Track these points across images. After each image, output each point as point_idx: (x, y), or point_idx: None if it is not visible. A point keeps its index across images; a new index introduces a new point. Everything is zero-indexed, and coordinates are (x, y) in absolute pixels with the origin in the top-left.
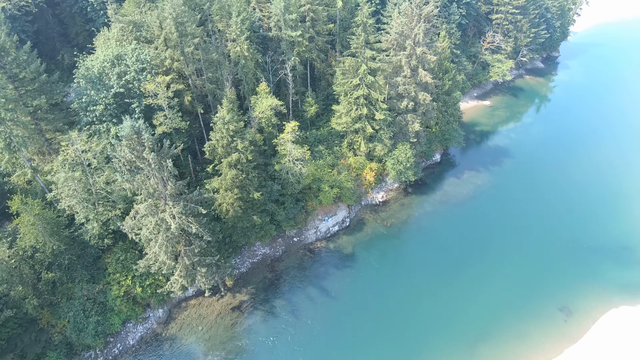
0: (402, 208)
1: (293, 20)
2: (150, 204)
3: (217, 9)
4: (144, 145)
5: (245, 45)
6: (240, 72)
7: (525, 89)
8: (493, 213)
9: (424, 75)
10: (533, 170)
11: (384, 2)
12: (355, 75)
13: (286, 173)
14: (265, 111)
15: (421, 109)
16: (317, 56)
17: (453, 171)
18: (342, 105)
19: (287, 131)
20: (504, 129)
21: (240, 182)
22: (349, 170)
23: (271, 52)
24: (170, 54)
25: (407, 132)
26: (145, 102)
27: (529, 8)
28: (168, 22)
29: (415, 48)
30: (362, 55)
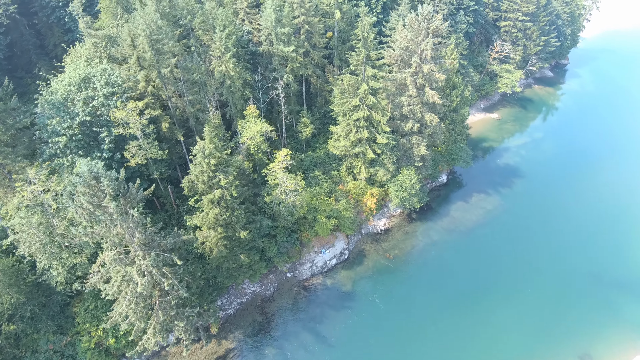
0: (406, 237)
1: (286, 34)
2: (117, 253)
3: (199, 23)
4: (104, 192)
5: (230, 63)
6: (226, 93)
7: (535, 100)
8: (504, 242)
9: (432, 95)
10: (546, 193)
11: (386, 10)
12: (355, 94)
13: (278, 205)
14: (254, 137)
15: (428, 130)
16: (313, 72)
17: (460, 193)
18: (341, 127)
19: (278, 160)
20: (513, 145)
21: (224, 220)
22: (348, 197)
23: (262, 69)
24: (145, 75)
25: (412, 155)
26: (116, 132)
27: (539, 15)
28: (141, 40)
29: (421, 65)
30: (362, 73)
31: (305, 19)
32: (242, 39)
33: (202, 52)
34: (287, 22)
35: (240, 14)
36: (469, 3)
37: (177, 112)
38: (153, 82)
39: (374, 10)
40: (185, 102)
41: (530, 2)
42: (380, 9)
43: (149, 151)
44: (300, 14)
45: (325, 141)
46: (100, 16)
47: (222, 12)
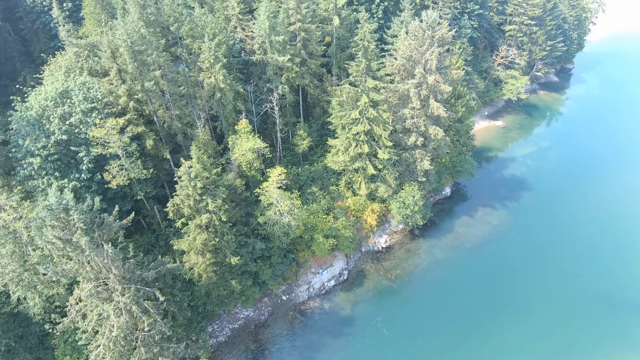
0: (409, 255)
1: (280, 42)
2: (94, 287)
3: (187, 31)
4: (75, 226)
5: (221, 75)
6: (216, 107)
7: (540, 106)
8: (512, 260)
9: (436, 108)
10: (554, 206)
11: (388, 15)
12: (355, 107)
13: (272, 226)
14: (246, 154)
15: (432, 144)
16: (310, 82)
17: (465, 207)
18: (340, 140)
19: (271, 179)
20: (519, 155)
21: (213, 246)
22: (347, 214)
23: (255, 79)
24: (127, 89)
25: (415, 170)
26: (94, 152)
27: (545, 19)
28: (122, 51)
29: (426, 76)
30: (362, 84)
31: (301, 25)
32: (233, 48)
33: (190, 62)
34: (282, 30)
35: (232, 21)
36: (473, 7)
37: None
38: (136, 97)
39: (375, 16)
40: (172, 116)
41: (536, 5)
42: (381, 14)
43: (131, 171)
44: (296, 20)
45: (323, 154)
46: (84, 22)
47: (212, 20)
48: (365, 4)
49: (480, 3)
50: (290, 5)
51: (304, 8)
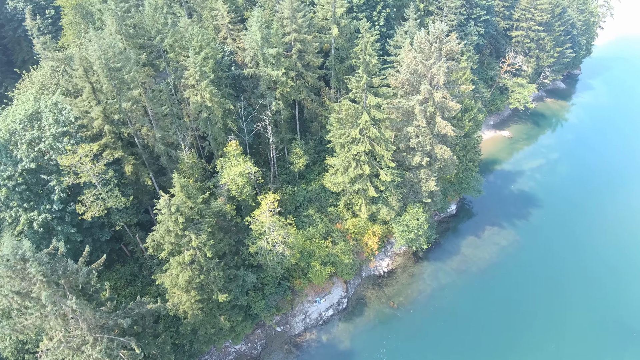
0: (412, 280)
1: (274, 55)
2: (63, 337)
3: (171, 44)
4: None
5: (207, 93)
6: (203, 126)
7: (547, 115)
8: (522, 286)
9: (443, 126)
10: (566, 225)
11: (390, 22)
12: (355, 125)
13: (264, 256)
14: (236, 179)
15: (438, 164)
16: (307, 95)
17: (472, 226)
18: (338, 160)
19: (263, 207)
20: (527, 168)
21: (198, 283)
22: (347, 237)
23: (247, 94)
24: (101, 110)
25: (420, 190)
26: (65, 183)
27: (554, 24)
28: (96, 69)
29: (432, 92)
30: (363, 100)
31: (297, 36)
32: (222, 62)
33: (175, 77)
34: (275, 41)
35: (221, 31)
36: (479, 12)
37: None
38: (113, 118)
39: (376, 23)
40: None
41: (545, 10)
42: (383, 21)
43: (108, 201)
44: (291, 30)
45: (321, 172)
46: (64, 33)
47: (198, 32)
48: (366, 11)
49: (486, 8)
50: (285, 14)
51: (300, 17)
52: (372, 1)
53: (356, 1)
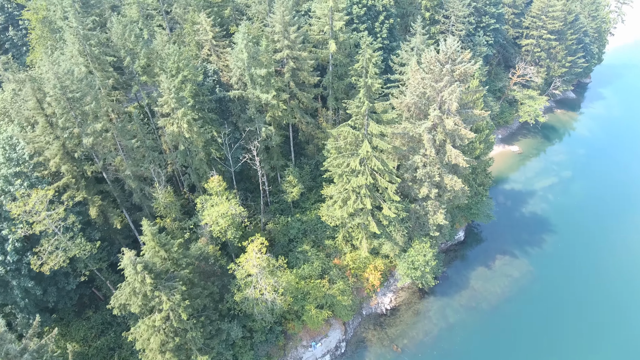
0: (417, 319)
1: (263, 76)
2: None
3: (143, 65)
4: None
5: (185, 122)
6: (181, 159)
7: (558, 128)
8: (537, 323)
9: (455, 156)
10: (582, 253)
11: (393, 34)
12: (355, 154)
13: (251, 306)
14: (218, 221)
15: (447, 195)
16: (301, 117)
17: (481, 255)
18: (337, 190)
19: (249, 253)
20: (539, 188)
21: (173, 346)
22: (346, 273)
23: (234, 117)
24: (59, 147)
25: (427, 223)
26: (19, 233)
27: (566, 32)
28: (50, 101)
29: (443, 118)
30: (364, 127)
31: (290, 53)
32: (204, 84)
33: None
34: (265, 59)
35: (205, 47)
36: (489, 21)
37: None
38: (74, 154)
39: (379, 36)
40: (127, 173)
41: (557, 18)
42: (386, 33)
43: (71, 250)
44: (283, 46)
45: (317, 200)
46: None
47: (175, 51)
48: (367, 22)
49: (496, 16)
50: (277, 28)
51: (293, 32)
52: (374, 11)
53: (356, 11)
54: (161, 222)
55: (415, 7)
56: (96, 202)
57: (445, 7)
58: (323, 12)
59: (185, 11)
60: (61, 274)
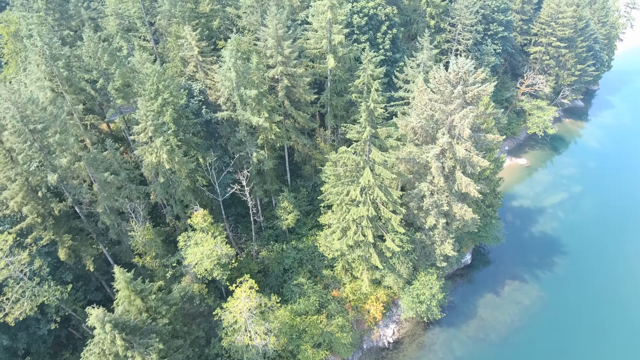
0: (422, 353)
1: (254, 97)
2: None
3: (119, 87)
4: None
5: (164, 152)
6: (161, 192)
7: (566, 139)
8: (549, 356)
9: (465, 185)
10: (596, 276)
11: (397, 45)
12: (356, 182)
13: (240, 353)
14: (203, 262)
15: (456, 223)
16: (297, 137)
17: (489, 280)
18: (335, 217)
19: (237, 298)
20: (548, 204)
21: None
22: (346, 306)
23: (223, 140)
24: (21, 184)
25: (433, 252)
26: None
27: (576, 40)
28: (7, 134)
29: (453, 144)
30: (366, 153)
31: (284, 69)
32: (188, 107)
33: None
34: (256, 77)
35: (190, 64)
36: (497, 29)
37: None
38: (40, 191)
39: (381, 47)
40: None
41: (567, 25)
42: (389, 44)
43: (39, 297)
44: (277, 62)
45: (315, 225)
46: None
47: (153, 71)
48: (368, 33)
49: (504, 24)
50: (269, 43)
51: (287, 47)
52: (376, 20)
53: (357, 22)
54: (140, 260)
55: (420, 15)
56: (66, 242)
57: (452, 14)
58: (320, 24)
59: (169, 23)
60: (32, 318)
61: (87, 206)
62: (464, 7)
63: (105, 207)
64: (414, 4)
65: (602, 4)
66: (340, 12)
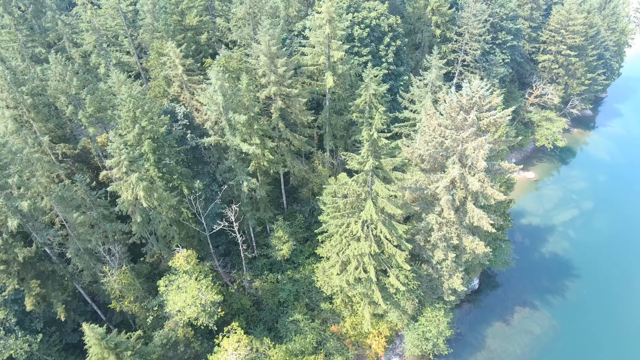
0: None
1: (243, 123)
2: None
3: (90, 114)
4: None
5: (141, 189)
6: (139, 231)
7: (575, 150)
8: None
9: (478, 218)
10: (611, 302)
11: (401, 58)
12: (357, 216)
13: None
14: (185, 310)
15: (466, 256)
16: (293, 161)
17: (498, 307)
18: (334, 250)
19: (224, 353)
20: (558, 222)
21: None
22: (345, 342)
23: (211, 166)
24: None
25: (441, 286)
26: None
27: (587, 48)
28: None
29: (466, 175)
30: (368, 184)
31: (278, 90)
32: (171, 133)
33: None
34: (247, 99)
35: (174, 83)
36: (505, 37)
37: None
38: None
39: (384, 60)
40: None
41: (577, 33)
42: (392, 57)
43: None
44: (269, 82)
45: (312, 254)
46: None
47: (129, 97)
48: (370, 46)
49: (514, 32)
50: (261, 60)
51: (281, 65)
52: (378, 32)
53: (358, 33)
54: (117, 305)
55: (424, 23)
56: (34, 289)
57: (459, 23)
58: (318, 39)
59: (152, 37)
60: None
61: (58, 245)
62: (472, 15)
63: (78, 249)
64: (418, 12)
65: (612, 9)
66: (340, 27)
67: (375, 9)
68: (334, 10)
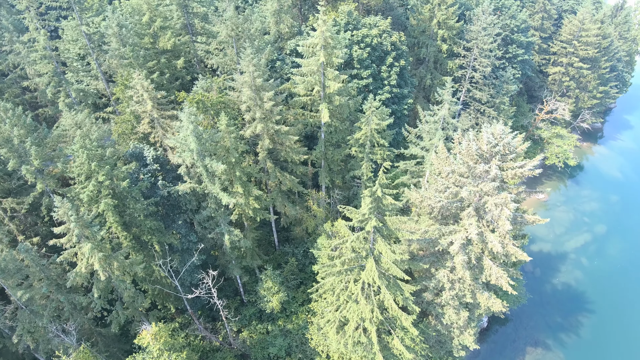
0: None
1: (222, 171)
2: None
3: (37, 166)
4: None
5: (97, 260)
6: (98, 305)
7: (585, 167)
8: None
9: (496, 277)
10: (627, 337)
11: (404, 77)
12: (356, 273)
13: None
14: None
15: (479, 311)
16: (284, 203)
17: (508, 348)
18: (330, 308)
19: None
20: (570, 249)
21: None
22: None
23: (188, 214)
24: None
25: (450, 342)
26: None
27: (599, 60)
28: None
29: (484, 233)
30: (370, 242)
31: (265, 127)
32: (137, 185)
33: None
34: (228, 140)
35: (144, 120)
36: (516, 51)
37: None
38: None
39: (386, 82)
40: (20, 327)
41: (590, 44)
42: (395, 79)
43: None
44: (255, 118)
45: (307, 300)
46: None
47: (81, 146)
48: (371, 67)
49: (525, 46)
50: (245, 95)
51: (268, 99)
52: (380, 52)
53: (357, 54)
54: None
55: (429, 37)
56: None
57: (467, 37)
58: (311, 68)
59: (120, 64)
60: None
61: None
62: (481, 29)
63: (19, 335)
64: (422, 24)
65: (624, 17)
66: (337, 53)
67: (377, 25)
68: (329, 35)
